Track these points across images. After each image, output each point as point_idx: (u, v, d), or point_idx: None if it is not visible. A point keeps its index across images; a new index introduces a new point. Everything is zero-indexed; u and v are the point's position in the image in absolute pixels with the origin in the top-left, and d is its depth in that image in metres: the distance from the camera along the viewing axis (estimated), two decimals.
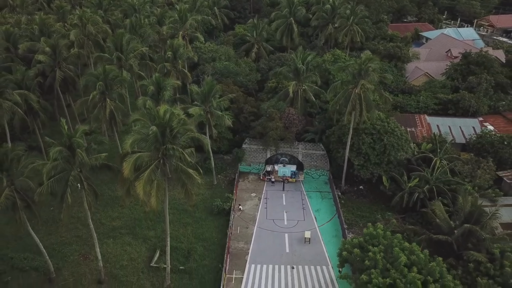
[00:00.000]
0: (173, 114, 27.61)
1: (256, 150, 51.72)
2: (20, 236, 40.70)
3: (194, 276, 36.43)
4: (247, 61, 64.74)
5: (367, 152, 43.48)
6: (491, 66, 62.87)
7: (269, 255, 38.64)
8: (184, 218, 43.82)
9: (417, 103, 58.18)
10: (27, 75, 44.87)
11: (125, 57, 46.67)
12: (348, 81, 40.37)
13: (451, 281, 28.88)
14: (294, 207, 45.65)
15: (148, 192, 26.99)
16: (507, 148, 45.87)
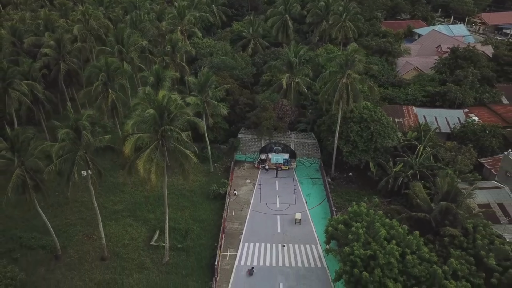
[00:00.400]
0: (170, 98, 30.12)
1: (251, 139, 54.24)
2: (27, 218, 43.36)
3: (191, 253, 38.98)
4: (243, 55, 67.25)
5: (355, 140, 46.02)
6: (477, 60, 65.34)
7: (261, 235, 41.19)
8: (182, 202, 46.35)
9: (405, 95, 60.70)
10: (33, 67, 47.36)
11: (126, 50, 49.19)
12: (336, 72, 42.94)
13: (427, 253, 31.40)
14: (286, 192, 48.22)
15: (148, 169, 29.42)
16: (488, 136, 48.43)
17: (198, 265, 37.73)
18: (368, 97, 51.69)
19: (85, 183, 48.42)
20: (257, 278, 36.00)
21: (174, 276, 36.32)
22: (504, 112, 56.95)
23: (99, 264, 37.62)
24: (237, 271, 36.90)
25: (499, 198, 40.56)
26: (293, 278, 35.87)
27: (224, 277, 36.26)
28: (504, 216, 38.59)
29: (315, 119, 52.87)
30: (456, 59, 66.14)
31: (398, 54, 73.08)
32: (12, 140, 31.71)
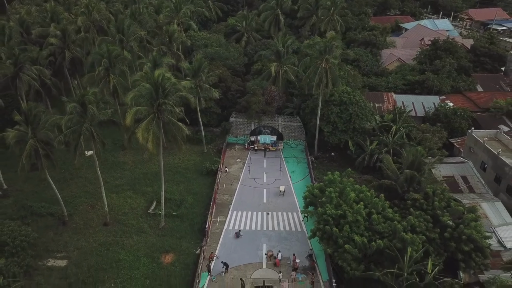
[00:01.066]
0: (165, 76, 34.46)
1: (242, 123, 58.59)
2: (37, 191, 47.73)
3: (185, 219, 43.36)
4: (236, 46, 71.54)
5: (335, 121, 50.38)
6: (456, 52, 69.73)
7: (249, 205, 45.58)
8: (178, 178, 50.70)
9: (387, 83, 65.09)
10: (41, 55, 51.63)
11: (126, 39, 53.47)
12: (316, 57, 47.29)
13: (391, 213, 35.75)
14: (273, 169, 52.61)
15: (145, 138, 33.71)
16: (458, 118, 52.81)
17: (191, 229, 42.12)
18: (350, 83, 56.06)
19: (88, 161, 53.42)
20: (243, 239, 40.38)
21: (169, 238, 40.70)
22: (477, 98, 61.29)
23: (102, 229, 41.95)
24: (225, 234, 41.29)
25: (462, 171, 44.97)
26: (275, 240, 40.25)
27: (214, 239, 40.65)
28: (465, 186, 43.01)
29: (300, 104, 57.23)
30: (436, 50, 70.51)
31: (382, 46, 77.49)
32: (26, 114, 36.04)
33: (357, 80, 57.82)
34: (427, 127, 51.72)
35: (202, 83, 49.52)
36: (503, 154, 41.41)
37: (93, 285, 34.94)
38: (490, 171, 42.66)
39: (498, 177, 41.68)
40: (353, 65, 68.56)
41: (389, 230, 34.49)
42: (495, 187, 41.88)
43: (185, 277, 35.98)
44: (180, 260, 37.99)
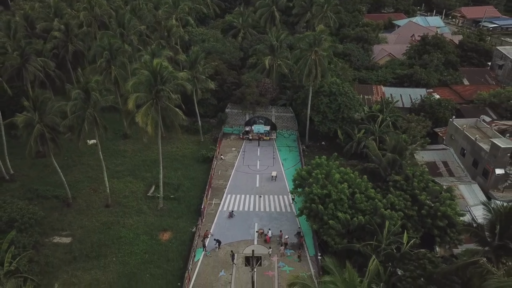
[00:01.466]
0: (162, 65, 37.13)
1: (237, 113, 61.26)
2: (42, 176, 50.39)
3: (182, 202, 46.08)
4: (232, 41, 74.17)
5: (324, 110, 53.08)
6: (444, 47, 72.43)
7: (242, 189, 48.31)
8: (175, 165, 53.39)
9: (377, 77, 67.78)
10: (45, 48, 54.24)
11: (126, 33, 56.09)
12: (306, 49, 49.97)
13: (373, 193, 38.48)
14: (266, 157, 55.33)
15: (145, 122, 36.36)
16: (442, 109, 55.50)
17: (188, 210, 44.84)
18: (340, 76, 58.74)
19: (90, 149, 56.10)
20: (236, 219, 43.11)
21: (167, 218, 43.41)
22: (463, 91, 64.00)
23: (104, 210, 44.64)
24: (220, 214, 44.03)
25: (444, 157, 47.72)
26: (266, 219, 42.97)
27: (209, 219, 43.37)
28: (446, 171, 45.76)
29: (293, 95, 59.92)
30: (425, 46, 73.15)
31: (374, 42, 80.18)
32: (33, 100, 38.68)
33: (347, 73, 60.53)
34: (412, 117, 54.45)
35: (199, 74, 52.13)
36: (480, 140, 44.13)
37: (96, 258, 37.64)
38: (469, 156, 45.38)
39: (475, 161, 44.39)
40: (345, 59, 71.24)
41: (370, 208, 37.18)
42: (473, 171, 44.60)
43: (181, 252, 38.70)
44: (177, 237, 40.71)
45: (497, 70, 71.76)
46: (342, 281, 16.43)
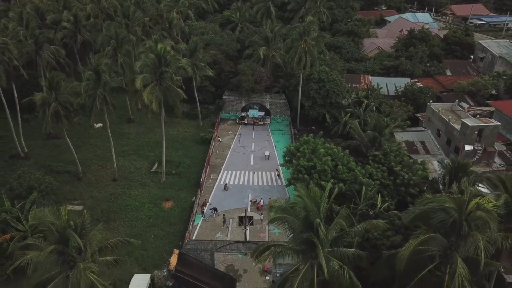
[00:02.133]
0: (166, 49, 41.55)
1: (234, 100, 65.72)
2: (53, 155, 54.77)
3: (182, 176, 50.55)
4: (229, 33, 78.62)
5: (314, 96, 57.56)
6: (429, 40, 77.02)
7: (238, 166, 52.80)
8: (176, 146, 57.82)
9: (365, 68, 72.31)
10: (56, 37, 58.57)
11: (131, 24, 60.44)
12: (296, 39, 54.45)
13: (354, 165, 42.96)
14: (260, 139, 59.85)
15: (149, 100, 40.76)
16: (423, 95, 60.01)
17: (188, 184, 49.31)
18: (329, 65, 63.22)
19: (97, 132, 60.55)
20: (231, 191, 47.63)
21: (169, 190, 47.86)
22: (445, 81, 68.53)
23: (111, 183, 49.06)
24: (217, 187, 48.53)
25: (422, 137, 52.28)
26: (258, 191, 47.46)
27: (207, 191, 47.86)
28: (422, 148, 50.34)
29: (286, 83, 64.39)
30: (411, 39, 77.75)
31: (364, 36, 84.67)
32: (50, 81, 43.06)
33: (336, 63, 65.00)
34: (395, 102, 58.99)
35: (198, 61, 56.53)
36: (453, 121, 48.67)
37: (106, 222, 42.00)
38: (443, 136, 49.91)
39: (449, 140, 48.93)
40: (336, 51, 75.72)
41: (351, 178, 41.71)
42: (446, 149, 49.15)
43: (182, 217, 43.19)
44: (179, 206, 45.20)
45: (479, 62, 76.41)
46: (307, 196, 20.76)
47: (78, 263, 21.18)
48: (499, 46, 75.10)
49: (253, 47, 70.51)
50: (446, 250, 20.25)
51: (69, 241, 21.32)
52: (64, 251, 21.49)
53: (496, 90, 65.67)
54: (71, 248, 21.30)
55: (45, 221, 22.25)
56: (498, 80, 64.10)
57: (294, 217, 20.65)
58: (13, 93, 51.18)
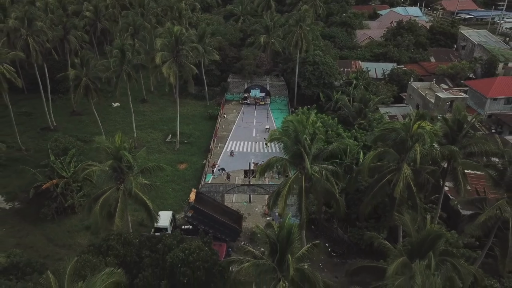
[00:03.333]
0: (181, 31, 48.71)
1: (237, 82, 72.90)
2: (78, 128, 61.96)
3: (194, 145, 57.80)
4: (233, 23, 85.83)
5: (309, 77, 64.73)
6: (415, 30, 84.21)
7: (242, 137, 59.98)
8: (187, 121, 64.94)
9: (357, 55, 79.49)
10: (79, 25, 65.69)
11: (146, 13, 67.59)
12: (293, 25, 61.70)
13: (342, 131, 50.23)
14: (261, 116, 67.04)
15: (168, 73, 47.91)
16: (406, 77, 67.17)
17: (199, 150, 56.56)
18: (323, 50, 70.37)
19: (114, 110, 67.76)
20: (236, 156, 54.81)
21: (182, 155, 55.09)
22: (428, 66, 75.70)
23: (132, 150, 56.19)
24: (224, 153, 55.71)
25: (403, 111, 59.45)
26: (260, 157, 54.58)
27: (215, 156, 55.04)
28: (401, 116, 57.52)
29: (284, 67, 71.60)
30: (399, 29, 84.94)
31: (356, 27, 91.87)
32: (81, 59, 50.24)
33: (330, 49, 72.13)
34: (381, 83, 66.20)
35: (206, 46, 63.70)
36: (429, 96, 55.85)
37: None
38: (421, 109, 57.05)
39: None
40: (330, 40, 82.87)
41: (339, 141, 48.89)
42: None
43: (195, 175, 50.45)
44: (192, 167, 52.46)
45: (461, 50, 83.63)
46: (296, 119, 27.87)
47: (129, 176, 28.34)
48: (479, 35, 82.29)
49: (254, 36, 77.48)
50: (398, 162, 27.31)
51: (121, 159, 28.47)
52: (118, 167, 28.67)
53: (474, 73, 72.94)
54: (123, 164, 28.44)
55: (104, 144, 29.35)
56: (474, 64, 71.29)
57: (286, 137, 27.80)
58: (45, 73, 58.37)
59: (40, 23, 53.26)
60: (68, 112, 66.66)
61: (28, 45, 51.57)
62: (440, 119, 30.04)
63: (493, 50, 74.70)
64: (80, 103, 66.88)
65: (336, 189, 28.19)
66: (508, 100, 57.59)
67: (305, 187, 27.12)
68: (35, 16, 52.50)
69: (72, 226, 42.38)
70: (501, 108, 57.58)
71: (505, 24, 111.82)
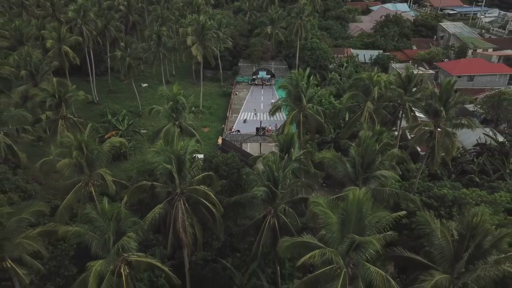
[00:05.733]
0: (206, 20, 61.67)
1: (246, 66, 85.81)
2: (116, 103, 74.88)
3: (213, 114, 70.77)
4: (242, 17, 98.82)
5: (307, 60, 77.58)
6: (400, 23, 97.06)
7: (252, 109, 72.90)
8: (206, 97, 77.72)
9: (349, 44, 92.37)
10: (114, 17, 78.61)
11: (171, 7, 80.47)
12: (294, 16, 74.61)
13: (333, 100, 62.99)
14: (267, 94, 79.98)
15: (196, 53, 60.79)
16: (389, 60, 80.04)
17: (217, 118, 69.56)
18: (320, 40, 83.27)
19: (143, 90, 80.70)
20: (248, 123, 67.74)
21: (205, 121, 67.97)
22: (410, 53, 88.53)
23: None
24: (238, 121, 68.67)
25: None
26: (267, 123, 67.46)
27: (231, 123, 67.98)
28: None
29: (286, 53, 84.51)
30: (386, 22, 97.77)
31: (349, 20, 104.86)
32: (125, 43, 63.18)
33: (325, 38, 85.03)
34: (367, 66, 79.08)
35: (222, 34, 76.61)
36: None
37: None
38: None
39: None
40: (326, 31, 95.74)
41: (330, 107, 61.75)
42: None
43: (216, 135, 63.39)
44: (213, 130, 65.46)
45: (440, 40, 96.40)
46: (296, 74, 40.71)
47: (182, 114, 41.25)
48: (455, 27, 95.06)
49: (261, 27, 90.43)
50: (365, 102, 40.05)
51: (178, 102, 41.33)
52: (175, 107, 41.53)
53: (448, 58, 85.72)
54: (179, 105, 41.29)
55: (163, 91, 42.19)
56: (448, 50, 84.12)
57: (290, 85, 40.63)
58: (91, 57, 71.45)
59: (91, 14, 66.20)
60: (105, 90, 79.61)
61: (82, 32, 64.45)
62: (395, 74, 42.97)
63: (464, 38, 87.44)
64: (114, 84, 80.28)
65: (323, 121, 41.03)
66: (470, 77, 70.40)
67: (302, 120, 39.92)
68: (87, 9, 65.40)
69: (126, 168, 55.33)
70: (464, 84, 70.32)
71: (484, 19, 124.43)
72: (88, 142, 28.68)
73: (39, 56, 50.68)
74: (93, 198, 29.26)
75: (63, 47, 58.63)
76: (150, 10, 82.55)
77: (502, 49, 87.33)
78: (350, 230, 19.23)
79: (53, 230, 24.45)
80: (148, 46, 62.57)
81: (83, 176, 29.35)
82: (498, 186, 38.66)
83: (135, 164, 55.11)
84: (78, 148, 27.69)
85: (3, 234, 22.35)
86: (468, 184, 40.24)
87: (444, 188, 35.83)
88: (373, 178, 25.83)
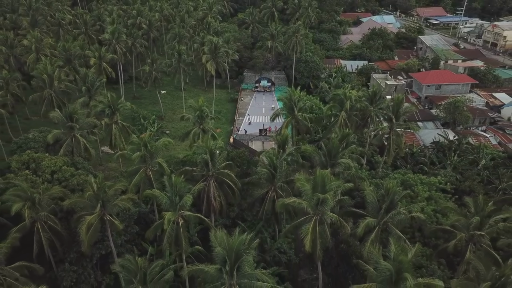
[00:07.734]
0: (218, 41, 75.54)
1: (250, 75, 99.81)
2: (140, 107, 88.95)
3: (222, 117, 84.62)
4: (246, 31, 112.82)
5: (302, 71, 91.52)
6: (384, 36, 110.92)
7: (255, 112, 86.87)
8: (216, 103, 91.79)
9: (339, 54, 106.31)
10: (139, 35, 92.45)
11: (186, 25, 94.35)
12: (291, 35, 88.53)
13: (322, 106, 76.92)
14: (268, 100, 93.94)
15: (210, 68, 74.65)
16: (372, 70, 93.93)
17: (226, 121, 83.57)
18: (313, 52, 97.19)
19: (162, 97, 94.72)
20: (252, 125, 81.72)
21: (216, 123, 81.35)
22: (391, 63, 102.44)
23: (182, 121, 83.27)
24: (244, 123, 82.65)
25: None
26: (267, 125, 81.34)
27: (237, 125, 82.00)
28: None
29: (285, 64, 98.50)
30: (372, 35, 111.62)
31: (340, 33, 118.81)
32: (152, 59, 77.09)
33: (318, 52, 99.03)
34: (354, 76, 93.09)
35: (229, 49, 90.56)
36: (382, 83, 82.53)
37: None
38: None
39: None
40: (319, 44, 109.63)
41: (320, 112, 75.68)
42: None
43: (226, 135, 77.41)
44: (223, 130, 79.45)
45: (419, 51, 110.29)
46: (290, 91, 54.46)
47: (206, 120, 55.20)
48: (432, 40, 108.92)
49: (262, 41, 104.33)
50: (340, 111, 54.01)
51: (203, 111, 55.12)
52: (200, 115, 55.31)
53: (424, 68, 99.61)
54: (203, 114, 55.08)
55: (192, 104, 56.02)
56: (423, 62, 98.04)
57: (286, 99, 54.62)
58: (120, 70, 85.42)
59: (124, 36, 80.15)
60: (130, 96, 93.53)
61: (116, 50, 78.41)
62: (365, 89, 56.90)
63: (438, 51, 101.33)
64: (137, 91, 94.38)
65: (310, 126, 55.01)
66: (438, 86, 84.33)
67: (294, 124, 53.81)
68: (120, 31, 79.32)
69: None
70: (433, 92, 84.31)
71: (464, 29, 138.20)
72: (149, 141, 42.65)
73: (90, 73, 64.43)
74: (150, 179, 43.26)
75: (103, 64, 72.57)
76: (167, 27, 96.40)
77: (472, 59, 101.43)
78: (318, 192, 33.23)
79: (133, 198, 38.51)
80: (170, 62, 76.53)
81: (144, 165, 43.31)
82: (439, 173, 52.73)
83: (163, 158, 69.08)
84: (144, 145, 41.66)
85: (106, 198, 36.33)
86: (418, 172, 54.30)
87: (397, 173, 50.16)
88: (337, 164, 39.72)
